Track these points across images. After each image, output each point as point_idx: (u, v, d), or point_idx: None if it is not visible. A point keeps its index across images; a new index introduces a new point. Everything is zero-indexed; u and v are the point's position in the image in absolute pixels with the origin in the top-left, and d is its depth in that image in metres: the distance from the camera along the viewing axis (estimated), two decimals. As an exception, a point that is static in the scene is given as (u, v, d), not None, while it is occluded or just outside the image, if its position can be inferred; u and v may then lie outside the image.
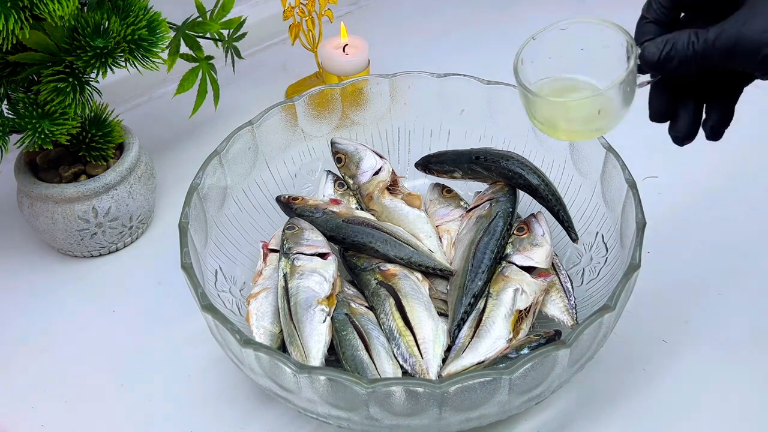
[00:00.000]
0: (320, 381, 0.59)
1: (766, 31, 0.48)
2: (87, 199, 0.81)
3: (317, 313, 0.69)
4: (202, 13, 0.88)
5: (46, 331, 0.79)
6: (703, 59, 0.51)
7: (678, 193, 0.89)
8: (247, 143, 0.80)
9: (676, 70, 0.52)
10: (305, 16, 0.99)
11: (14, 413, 0.72)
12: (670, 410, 0.70)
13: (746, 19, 0.49)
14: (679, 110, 0.57)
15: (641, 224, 0.66)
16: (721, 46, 0.49)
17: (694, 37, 0.50)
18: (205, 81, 0.89)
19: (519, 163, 0.77)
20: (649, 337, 0.75)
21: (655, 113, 0.57)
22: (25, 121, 0.73)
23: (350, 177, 0.82)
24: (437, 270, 0.74)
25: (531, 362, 0.58)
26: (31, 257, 0.87)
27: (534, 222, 0.75)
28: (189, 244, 0.68)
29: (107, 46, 0.73)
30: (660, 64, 0.52)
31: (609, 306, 0.61)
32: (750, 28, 0.48)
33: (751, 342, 0.74)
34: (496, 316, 0.68)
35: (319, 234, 0.76)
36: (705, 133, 0.57)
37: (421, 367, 0.66)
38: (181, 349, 0.76)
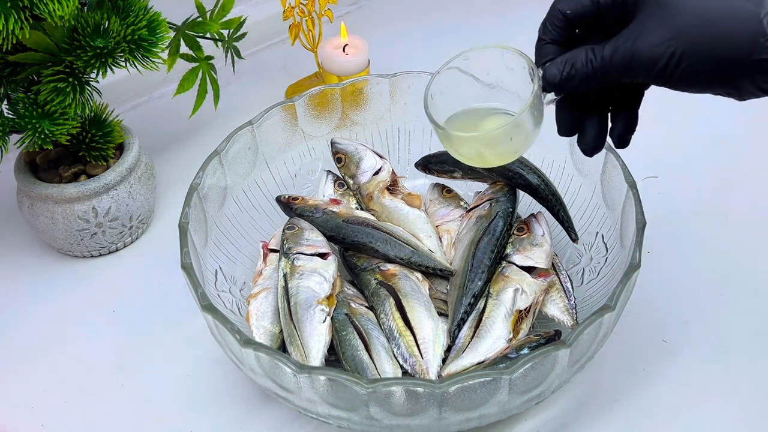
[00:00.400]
0: (320, 381, 0.59)
1: (657, 45, 0.50)
2: (87, 199, 0.81)
3: (317, 313, 0.69)
4: (202, 13, 0.88)
5: (45, 331, 0.79)
6: (602, 75, 0.53)
7: (678, 193, 0.89)
8: (247, 143, 0.80)
9: (578, 88, 0.54)
10: (305, 16, 0.99)
11: (14, 413, 0.72)
12: (670, 410, 0.70)
13: (637, 35, 0.51)
14: (585, 124, 0.58)
15: (641, 224, 0.66)
16: (618, 62, 0.52)
17: (592, 54, 0.53)
18: (205, 81, 0.89)
19: (519, 163, 0.77)
20: (649, 337, 0.75)
21: (563, 128, 0.59)
22: (25, 121, 0.73)
23: (350, 177, 0.82)
24: (437, 270, 0.74)
25: (531, 362, 0.58)
26: (31, 257, 0.87)
27: (534, 222, 0.75)
28: (189, 244, 0.68)
29: (107, 46, 0.73)
30: (562, 84, 0.54)
31: (609, 306, 0.61)
32: (643, 43, 0.50)
33: (751, 342, 0.74)
34: (496, 316, 0.68)
35: (319, 234, 0.76)
36: (612, 142, 0.59)
37: (421, 367, 0.66)
38: (181, 349, 0.76)
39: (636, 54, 0.51)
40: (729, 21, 0.48)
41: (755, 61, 0.49)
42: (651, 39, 0.50)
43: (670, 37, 0.50)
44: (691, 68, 0.50)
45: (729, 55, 0.49)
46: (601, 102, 0.58)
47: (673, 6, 0.50)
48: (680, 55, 0.50)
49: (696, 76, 0.50)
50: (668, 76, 0.51)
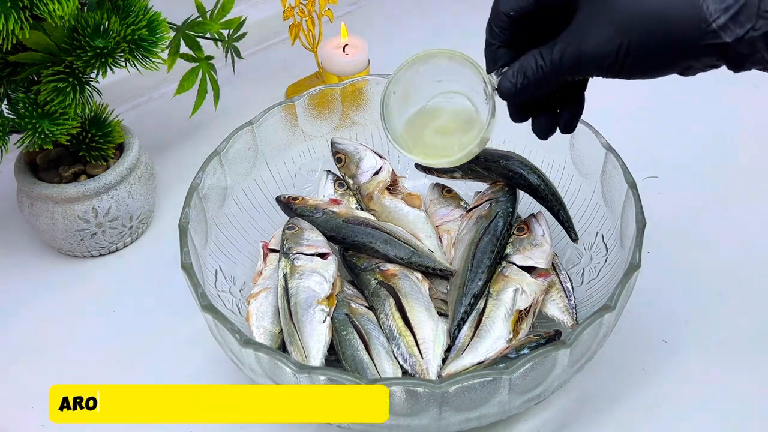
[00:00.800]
0: (320, 381, 0.59)
1: (603, 42, 0.51)
2: (87, 199, 0.81)
3: (317, 313, 0.69)
4: (202, 13, 0.88)
5: (45, 331, 0.79)
6: (554, 78, 0.54)
7: (678, 193, 0.89)
8: (247, 143, 0.80)
9: (534, 93, 0.56)
10: (305, 16, 0.99)
11: (14, 413, 0.72)
12: (670, 410, 0.70)
13: (582, 34, 0.52)
14: (536, 112, 0.60)
15: (641, 224, 0.66)
16: (566, 63, 0.53)
17: (541, 60, 0.54)
18: (205, 81, 0.89)
19: (519, 163, 0.78)
20: (649, 337, 0.75)
21: (515, 117, 0.61)
22: (25, 121, 0.73)
23: (350, 177, 0.82)
24: (437, 270, 0.74)
25: (531, 362, 0.58)
26: (31, 257, 0.87)
27: (534, 222, 0.75)
28: (189, 244, 0.68)
29: (107, 46, 0.73)
30: (518, 94, 0.56)
31: (609, 306, 0.61)
32: (587, 44, 0.51)
33: (751, 342, 0.74)
34: (496, 316, 0.68)
35: (319, 234, 0.76)
36: (559, 128, 0.61)
37: (421, 367, 0.66)
38: (181, 349, 0.76)
39: (583, 54, 0.52)
40: (668, 9, 0.49)
41: (701, 46, 0.49)
42: (596, 37, 0.51)
43: (614, 33, 0.50)
44: (639, 59, 0.51)
45: (674, 43, 0.50)
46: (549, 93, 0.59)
47: (612, 0, 0.51)
48: (626, 48, 0.50)
49: (644, 65, 0.51)
50: (618, 69, 0.52)
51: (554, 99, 0.60)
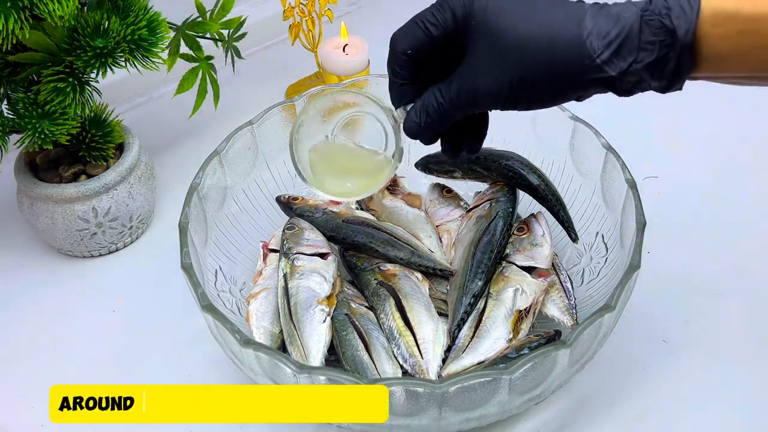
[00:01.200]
0: (320, 381, 0.59)
1: (494, 81, 0.52)
2: (87, 199, 0.80)
3: (317, 313, 0.69)
4: (202, 13, 0.88)
5: (45, 331, 0.79)
6: (454, 113, 0.56)
7: (678, 193, 0.89)
8: (247, 143, 0.80)
9: (438, 129, 0.58)
10: (305, 16, 0.99)
11: (14, 413, 0.72)
12: (670, 410, 0.70)
13: (474, 74, 0.53)
14: (442, 138, 0.62)
15: (641, 224, 0.66)
16: (463, 100, 0.55)
17: (441, 98, 0.55)
18: (205, 81, 0.89)
19: (519, 163, 0.78)
20: (649, 337, 0.75)
21: (426, 142, 0.61)
22: (25, 121, 0.73)
23: (350, 177, 0.82)
24: (437, 270, 0.74)
25: (531, 362, 0.58)
26: (31, 257, 0.87)
27: (534, 222, 0.75)
28: (189, 244, 0.68)
29: (107, 46, 0.73)
30: (423, 132, 0.58)
31: (609, 306, 0.61)
32: (481, 81, 0.53)
33: (751, 342, 0.74)
34: (496, 316, 0.68)
35: (319, 234, 0.76)
36: (465, 150, 0.62)
37: (421, 367, 0.66)
38: (181, 349, 0.76)
39: (478, 91, 0.53)
40: (553, 48, 0.50)
41: (587, 80, 0.51)
42: (487, 76, 0.53)
43: (502, 71, 0.52)
44: (529, 93, 0.52)
45: (561, 78, 0.51)
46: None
47: (499, 38, 0.52)
48: (517, 84, 0.52)
49: (536, 98, 0.53)
50: (514, 103, 0.53)
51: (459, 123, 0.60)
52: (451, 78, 0.55)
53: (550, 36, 0.50)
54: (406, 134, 0.59)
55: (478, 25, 0.52)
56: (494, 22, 0.51)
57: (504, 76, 0.52)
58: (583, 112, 0.76)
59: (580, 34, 0.50)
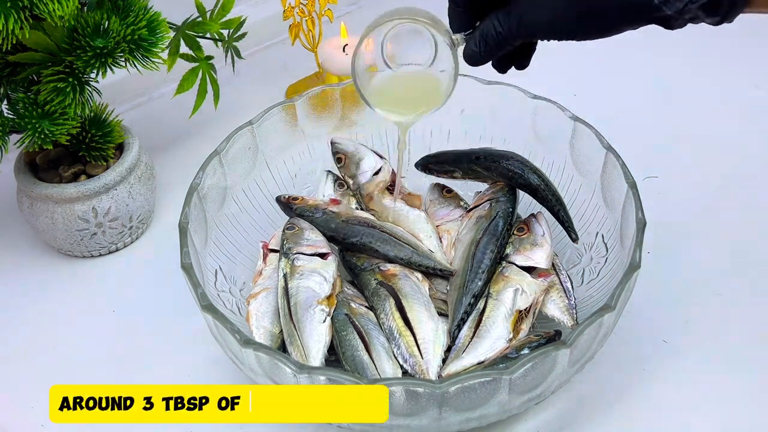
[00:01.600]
0: (320, 381, 0.59)
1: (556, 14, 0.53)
2: (87, 199, 0.81)
3: (317, 313, 0.69)
4: (202, 13, 0.88)
5: (45, 331, 0.79)
6: (513, 41, 0.57)
7: (678, 193, 0.89)
8: (247, 143, 0.80)
9: (495, 56, 0.59)
10: (305, 16, 0.99)
11: (14, 413, 0.72)
12: (670, 410, 0.70)
13: (534, 5, 0.55)
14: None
15: (641, 224, 0.66)
16: (524, 31, 0.56)
17: (499, 26, 0.57)
18: (205, 81, 0.89)
19: (519, 163, 0.78)
20: (649, 337, 0.75)
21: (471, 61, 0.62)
22: (25, 121, 0.73)
23: (350, 177, 0.82)
24: (437, 270, 0.74)
25: (531, 362, 0.58)
26: (31, 257, 0.87)
27: (534, 222, 0.75)
28: (189, 244, 0.68)
29: (107, 46, 0.73)
30: (481, 59, 0.60)
31: (609, 306, 0.61)
32: (543, 14, 0.54)
33: (751, 342, 0.74)
34: (496, 316, 0.68)
35: (319, 234, 0.76)
36: (515, 66, 0.63)
37: (421, 367, 0.66)
38: (181, 349, 0.76)
39: (538, 22, 0.55)
40: None
41: (644, 17, 0.51)
42: (549, 7, 0.54)
43: (567, 3, 0.53)
44: (589, 26, 0.53)
45: (623, 13, 0.52)
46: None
47: None
48: (576, 17, 0.53)
49: (594, 30, 0.54)
50: (571, 35, 0.54)
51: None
52: (510, 6, 0.56)
53: None
54: (465, 61, 0.60)
55: None
56: None
57: (568, 8, 0.53)
58: (583, 112, 0.76)
59: None
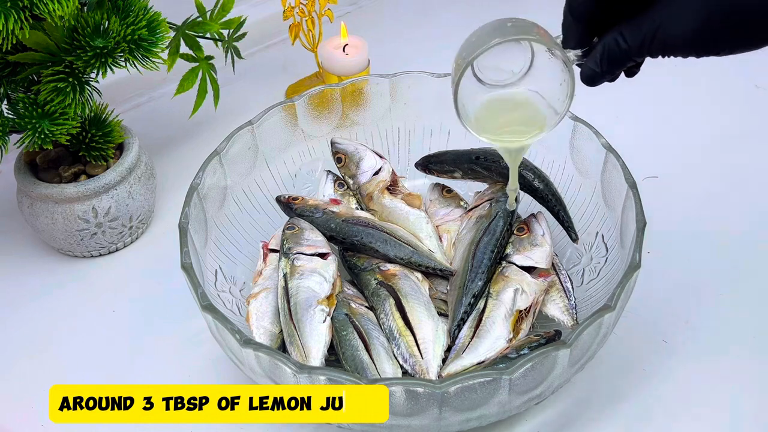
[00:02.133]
0: (320, 381, 0.59)
1: (695, 29, 0.48)
2: (87, 199, 0.81)
3: (317, 313, 0.69)
4: (202, 13, 0.88)
5: (45, 331, 0.79)
6: (639, 57, 0.52)
7: (678, 193, 0.89)
8: (247, 143, 0.80)
9: (617, 73, 0.54)
10: (305, 16, 0.99)
11: (14, 413, 0.72)
12: (670, 410, 0.70)
13: (670, 18, 0.49)
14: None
15: (641, 224, 0.66)
16: (656, 47, 0.50)
17: (624, 43, 0.51)
18: (205, 81, 0.89)
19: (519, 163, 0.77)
20: (649, 337, 0.75)
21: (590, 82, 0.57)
22: (25, 121, 0.73)
23: (350, 177, 0.82)
24: (437, 270, 0.74)
25: (531, 362, 0.58)
26: (31, 257, 0.87)
27: (534, 222, 0.75)
28: (189, 244, 0.68)
29: (107, 46, 0.73)
30: (603, 79, 0.54)
31: (609, 306, 0.61)
32: (678, 28, 0.49)
33: (751, 342, 0.74)
34: (496, 316, 0.68)
35: (319, 234, 0.76)
36: (624, 74, 0.58)
37: (421, 367, 0.66)
38: (181, 349, 0.76)
39: (673, 38, 0.49)
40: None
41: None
42: (687, 21, 0.48)
43: (709, 16, 0.47)
44: (725, 40, 0.48)
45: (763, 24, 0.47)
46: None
47: None
48: (714, 29, 0.47)
49: (735, 47, 0.49)
50: (708, 52, 0.49)
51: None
52: (637, 21, 0.50)
53: None
54: (582, 80, 0.55)
55: None
56: None
57: (708, 22, 0.47)
58: (583, 112, 0.76)
59: None
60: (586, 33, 0.54)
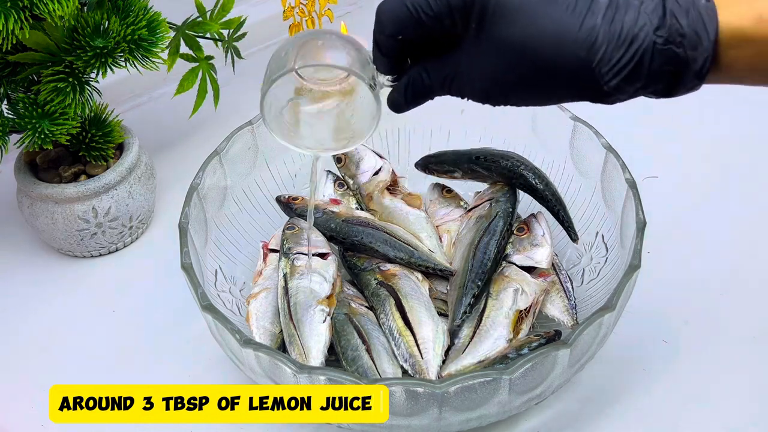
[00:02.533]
0: (320, 381, 0.59)
1: (489, 82, 0.51)
2: (87, 199, 0.80)
3: (317, 313, 0.69)
4: (202, 13, 0.88)
5: (45, 331, 0.79)
6: (439, 93, 0.55)
7: (678, 193, 0.89)
8: (247, 143, 0.80)
9: (419, 104, 0.56)
10: (305, 16, 0.99)
11: (14, 413, 0.72)
12: (670, 410, 0.70)
13: (468, 69, 0.52)
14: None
15: (641, 224, 0.66)
16: (453, 89, 0.54)
17: (428, 79, 0.54)
18: (205, 81, 0.89)
19: (519, 163, 0.78)
20: (649, 337, 0.75)
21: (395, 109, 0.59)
22: (25, 121, 0.73)
23: (350, 177, 0.82)
24: (437, 270, 0.74)
25: (531, 362, 0.58)
26: (31, 257, 0.87)
27: (534, 222, 0.75)
28: (189, 244, 0.68)
29: (107, 46, 0.73)
30: (407, 107, 0.57)
31: (609, 306, 0.61)
32: (474, 80, 0.52)
33: (751, 342, 0.74)
34: (496, 316, 0.68)
35: (319, 234, 0.76)
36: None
37: (421, 367, 0.66)
38: (181, 349, 0.76)
39: (468, 86, 0.52)
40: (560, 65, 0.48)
41: (585, 94, 0.50)
42: (482, 75, 0.51)
43: (501, 73, 0.50)
44: (523, 97, 0.52)
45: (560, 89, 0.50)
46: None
47: (505, 39, 0.49)
48: (512, 88, 0.51)
49: (527, 101, 0.52)
50: (502, 103, 0.52)
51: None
52: (442, 61, 0.53)
53: (559, 51, 0.48)
54: (389, 106, 0.57)
55: (483, 17, 0.49)
56: (502, 20, 0.49)
57: (502, 79, 0.50)
58: (583, 112, 0.76)
59: (590, 60, 0.47)
60: (394, 65, 0.56)
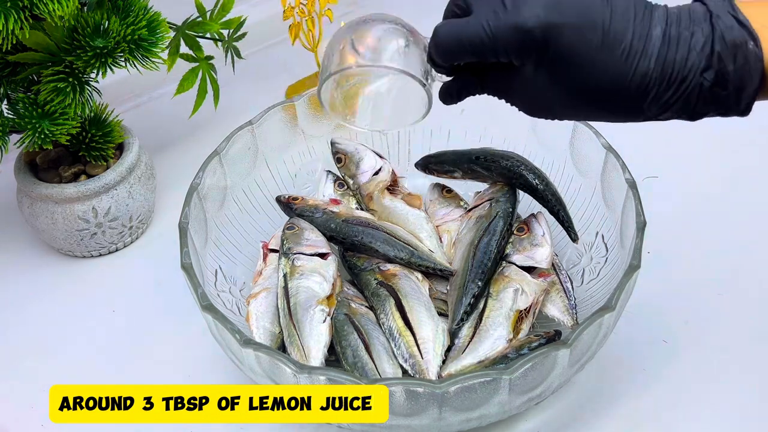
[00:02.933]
0: (320, 381, 0.59)
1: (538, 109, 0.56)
2: (87, 199, 0.81)
3: (317, 313, 0.69)
4: (202, 13, 0.88)
5: (45, 331, 0.79)
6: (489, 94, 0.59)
7: (678, 193, 0.89)
8: (247, 143, 0.80)
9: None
10: (305, 16, 0.99)
11: (14, 413, 0.72)
12: (670, 410, 0.70)
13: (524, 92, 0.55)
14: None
15: (641, 224, 0.66)
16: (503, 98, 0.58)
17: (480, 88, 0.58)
18: (205, 81, 0.89)
19: (519, 163, 0.77)
20: (649, 337, 0.75)
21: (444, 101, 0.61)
22: (25, 121, 0.73)
23: (350, 177, 0.82)
24: (437, 270, 0.74)
25: (531, 362, 0.58)
26: (31, 257, 0.87)
27: (534, 222, 0.75)
28: (189, 244, 0.68)
29: (107, 46, 0.73)
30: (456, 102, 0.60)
31: (609, 306, 0.61)
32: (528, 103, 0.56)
33: (751, 342, 0.74)
34: (497, 316, 0.68)
35: (319, 234, 0.76)
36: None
37: (421, 367, 0.66)
38: (181, 349, 0.76)
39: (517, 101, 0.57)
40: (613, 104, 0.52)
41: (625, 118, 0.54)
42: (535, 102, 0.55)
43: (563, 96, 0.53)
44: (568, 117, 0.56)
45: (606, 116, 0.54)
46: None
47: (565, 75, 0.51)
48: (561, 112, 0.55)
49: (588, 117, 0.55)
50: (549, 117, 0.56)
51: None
52: (497, 75, 0.56)
53: (612, 97, 0.51)
54: (439, 98, 0.60)
55: (542, 58, 0.51)
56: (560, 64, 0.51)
57: (553, 106, 0.54)
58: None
59: (641, 103, 0.51)
60: (450, 72, 0.59)
